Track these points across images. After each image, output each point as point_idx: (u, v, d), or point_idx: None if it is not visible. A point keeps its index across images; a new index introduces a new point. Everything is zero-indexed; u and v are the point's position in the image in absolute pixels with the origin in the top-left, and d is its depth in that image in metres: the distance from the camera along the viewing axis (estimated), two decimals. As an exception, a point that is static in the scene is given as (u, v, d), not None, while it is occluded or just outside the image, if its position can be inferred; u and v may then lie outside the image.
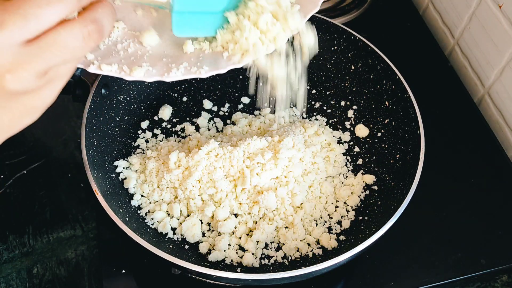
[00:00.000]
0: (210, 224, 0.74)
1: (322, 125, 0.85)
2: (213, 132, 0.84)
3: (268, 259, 0.71)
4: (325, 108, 0.88)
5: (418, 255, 0.76)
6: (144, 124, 0.84)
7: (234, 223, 0.72)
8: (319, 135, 0.82)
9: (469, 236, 0.78)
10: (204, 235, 0.73)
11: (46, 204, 0.82)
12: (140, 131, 0.84)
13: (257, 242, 0.72)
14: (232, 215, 0.73)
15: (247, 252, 0.71)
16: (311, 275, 0.64)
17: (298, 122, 0.84)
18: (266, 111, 0.86)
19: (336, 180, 0.78)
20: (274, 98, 0.84)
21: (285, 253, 0.71)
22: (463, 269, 0.75)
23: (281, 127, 0.81)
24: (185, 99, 0.88)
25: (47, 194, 0.83)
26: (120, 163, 0.78)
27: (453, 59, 1.02)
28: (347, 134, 0.84)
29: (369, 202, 0.76)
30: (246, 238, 0.72)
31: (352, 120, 0.86)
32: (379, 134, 0.83)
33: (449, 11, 1.00)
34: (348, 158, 0.82)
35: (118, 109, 0.82)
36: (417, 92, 0.79)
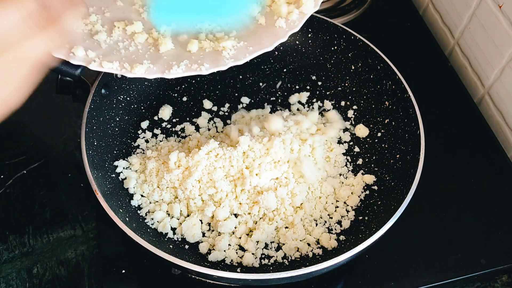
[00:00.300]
0: (210, 224, 0.74)
1: (322, 125, 0.85)
2: (213, 132, 0.84)
3: (268, 259, 0.71)
4: (325, 108, 0.88)
5: (418, 255, 0.76)
6: (144, 124, 0.84)
7: (234, 223, 0.72)
8: (319, 135, 0.82)
9: (469, 236, 0.78)
10: (204, 235, 0.73)
11: (46, 204, 0.82)
12: (140, 131, 0.83)
13: (257, 242, 0.72)
14: (232, 215, 0.73)
15: (247, 252, 0.71)
16: (311, 275, 0.64)
17: (298, 122, 0.84)
18: (266, 111, 0.87)
19: (336, 180, 0.78)
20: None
21: (285, 253, 0.71)
22: (463, 269, 0.75)
23: (281, 127, 0.81)
24: (185, 99, 0.88)
25: (47, 194, 0.83)
26: (120, 163, 0.78)
27: (453, 59, 1.02)
28: (347, 134, 0.84)
29: (369, 202, 0.76)
30: (246, 238, 0.72)
31: (352, 120, 0.86)
32: (379, 134, 0.83)
33: (449, 11, 1.00)
34: (348, 158, 0.82)
35: (118, 109, 0.82)
36: (417, 92, 0.79)
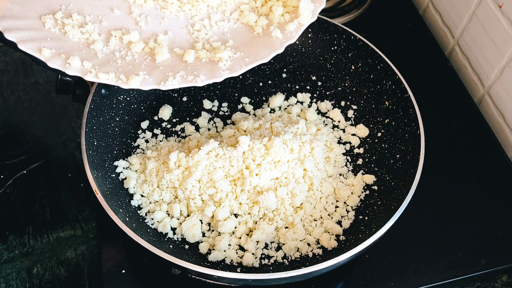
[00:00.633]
0: (210, 224, 0.74)
1: (322, 125, 0.85)
2: (213, 132, 0.84)
3: (268, 259, 0.71)
4: (325, 108, 0.88)
5: (418, 255, 0.76)
6: (144, 124, 0.84)
7: (234, 223, 0.72)
8: (319, 135, 0.82)
9: (469, 236, 0.78)
10: (204, 235, 0.73)
11: (46, 204, 0.82)
12: (140, 131, 0.84)
13: (257, 242, 0.71)
14: (232, 215, 0.73)
15: (247, 252, 0.71)
16: (311, 275, 0.64)
17: (298, 122, 0.84)
18: (266, 111, 0.87)
19: (336, 180, 0.78)
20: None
21: (285, 253, 0.71)
22: (463, 269, 0.75)
23: (281, 127, 0.81)
24: (185, 99, 0.88)
25: (47, 194, 0.83)
26: (120, 163, 0.78)
27: (453, 59, 1.02)
28: (347, 134, 0.84)
29: (369, 202, 0.76)
30: (246, 238, 0.72)
31: (352, 120, 0.86)
32: (379, 134, 0.83)
33: (449, 11, 1.00)
34: (348, 158, 0.82)
35: (118, 109, 0.82)
36: (417, 92, 0.79)
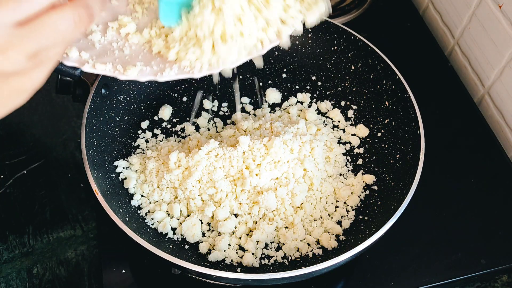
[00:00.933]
0: (210, 224, 0.74)
1: (322, 125, 0.85)
2: (213, 132, 0.84)
3: (268, 259, 0.71)
4: (325, 108, 0.88)
5: (418, 255, 0.76)
6: (144, 124, 0.84)
7: (234, 223, 0.72)
8: (319, 135, 0.82)
9: (469, 236, 0.78)
10: (204, 235, 0.73)
11: (46, 204, 0.82)
12: (140, 131, 0.83)
13: (257, 242, 0.71)
14: (232, 215, 0.73)
15: (247, 252, 0.71)
16: (311, 275, 0.64)
17: (298, 122, 0.84)
18: (266, 111, 0.87)
19: (336, 180, 0.78)
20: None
21: (285, 253, 0.71)
22: (463, 269, 0.75)
23: (281, 127, 0.81)
24: (185, 99, 0.88)
25: (47, 194, 0.83)
26: (120, 163, 0.78)
27: (453, 59, 1.02)
28: (347, 134, 0.84)
29: (369, 202, 0.76)
30: (246, 238, 0.72)
31: (352, 120, 0.86)
32: (379, 134, 0.83)
33: (449, 11, 1.00)
34: (348, 158, 0.82)
35: (118, 109, 0.82)
36: (417, 92, 0.79)
